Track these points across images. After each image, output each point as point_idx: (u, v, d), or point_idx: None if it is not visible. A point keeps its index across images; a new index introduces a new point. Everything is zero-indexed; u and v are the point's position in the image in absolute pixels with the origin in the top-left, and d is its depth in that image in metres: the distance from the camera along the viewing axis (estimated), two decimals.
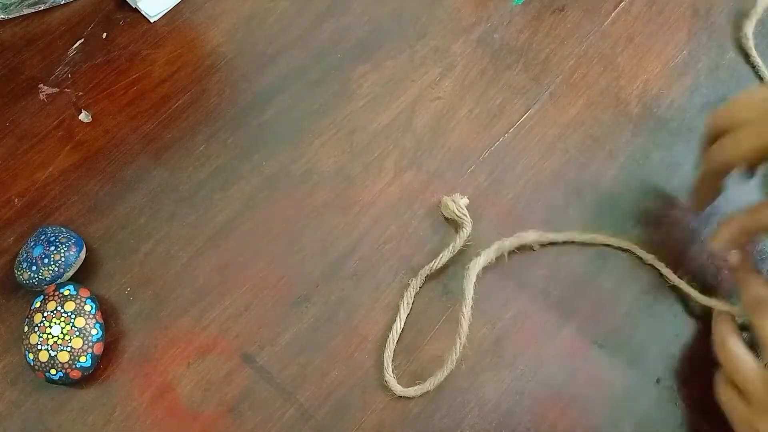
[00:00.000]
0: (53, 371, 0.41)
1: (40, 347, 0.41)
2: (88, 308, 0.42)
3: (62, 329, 0.41)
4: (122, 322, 0.44)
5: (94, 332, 0.42)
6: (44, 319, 0.42)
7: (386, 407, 0.42)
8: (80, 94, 0.51)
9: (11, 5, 0.52)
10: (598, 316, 0.45)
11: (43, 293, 0.43)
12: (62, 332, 0.41)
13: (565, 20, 0.54)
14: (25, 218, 0.47)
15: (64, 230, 0.45)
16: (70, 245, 0.44)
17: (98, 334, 0.42)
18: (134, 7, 0.53)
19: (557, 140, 0.50)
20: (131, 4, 0.53)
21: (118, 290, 0.45)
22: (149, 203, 0.48)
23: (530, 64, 0.52)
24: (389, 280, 0.45)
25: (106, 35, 0.53)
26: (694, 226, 0.47)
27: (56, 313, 0.42)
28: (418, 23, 0.54)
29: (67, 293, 0.42)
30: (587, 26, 0.54)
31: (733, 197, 0.45)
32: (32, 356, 0.41)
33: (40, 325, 0.41)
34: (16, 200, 0.48)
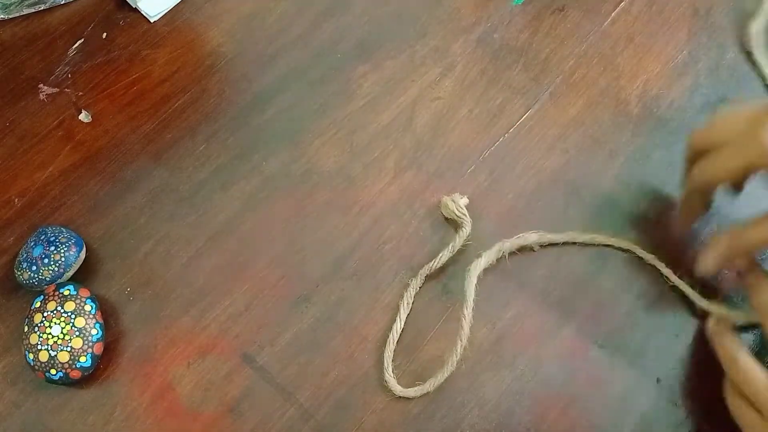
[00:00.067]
0: (53, 371, 0.41)
1: (40, 347, 0.41)
2: (88, 308, 0.42)
3: (62, 329, 0.41)
4: (122, 322, 0.44)
5: (94, 332, 0.42)
6: (44, 319, 0.42)
7: (386, 407, 0.42)
8: (80, 94, 0.51)
9: (11, 5, 0.52)
10: (598, 316, 0.45)
11: (43, 293, 0.43)
12: (62, 332, 0.41)
13: (565, 20, 0.54)
14: (25, 218, 0.47)
15: (64, 230, 0.45)
16: (70, 245, 0.44)
17: (98, 334, 0.42)
18: (134, 7, 0.53)
19: (557, 140, 0.50)
20: (131, 4, 0.53)
21: (118, 290, 0.45)
22: (149, 203, 0.48)
23: (530, 64, 0.52)
24: (389, 280, 0.45)
25: (106, 35, 0.53)
26: (694, 226, 0.47)
27: (56, 313, 0.42)
28: (418, 23, 0.54)
29: (67, 293, 0.42)
30: (587, 26, 0.54)
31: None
32: (32, 356, 0.41)
33: (40, 325, 0.41)
34: (16, 200, 0.48)
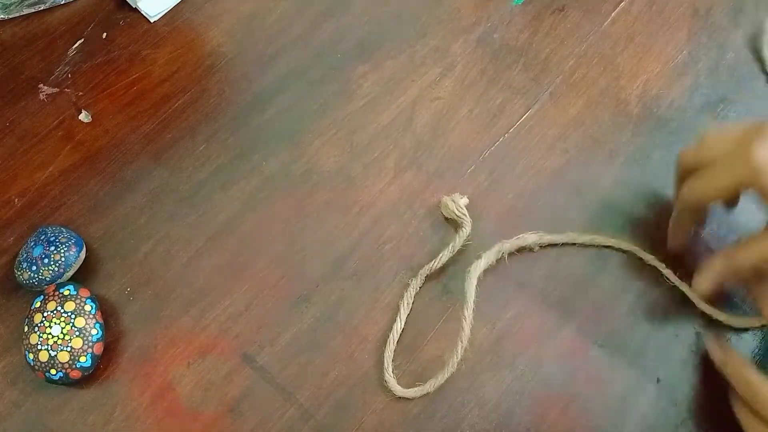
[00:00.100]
0: (53, 371, 0.41)
1: (40, 347, 0.41)
2: (88, 308, 0.42)
3: (62, 329, 0.41)
4: (122, 322, 0.44)
5: (94, 332, 0.42)
6: (44, 319, 0.42)
7: (386, 407, 0.42)
8: (80, 94, 0.51)
9: (11, 5, 0.52)
10: (598, 316, 0.45)
11: (43, 293, 0.43)
12: (62, 332, 0.41)
13: (565, 20, 0.54)
14: (25, 218, 0.47)
15: (64, 230, 0.45)
16: (70, 245, 0.44)
17: (98, 334, 0.42)
18: (134, 7, 0.53)
19: (557, 140, 0.50)
20: (131, 4, 0.53)
21: (118, 290, 0.45)
22: (149, 203, 0.48)
23: (530, 64, 0.52)
24: (389, 280, 0.45)
25: (106, 35, 0.53)
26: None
27: (56, 313, 0.42)
28: (418, 23, 0.54)
29: (67, 293, 0.42)
30: (587, 26, 0.54)
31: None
32: (32, 356, 0.41)
33: (40, 325, 0.41)
34: (16, 200, 0.48)
